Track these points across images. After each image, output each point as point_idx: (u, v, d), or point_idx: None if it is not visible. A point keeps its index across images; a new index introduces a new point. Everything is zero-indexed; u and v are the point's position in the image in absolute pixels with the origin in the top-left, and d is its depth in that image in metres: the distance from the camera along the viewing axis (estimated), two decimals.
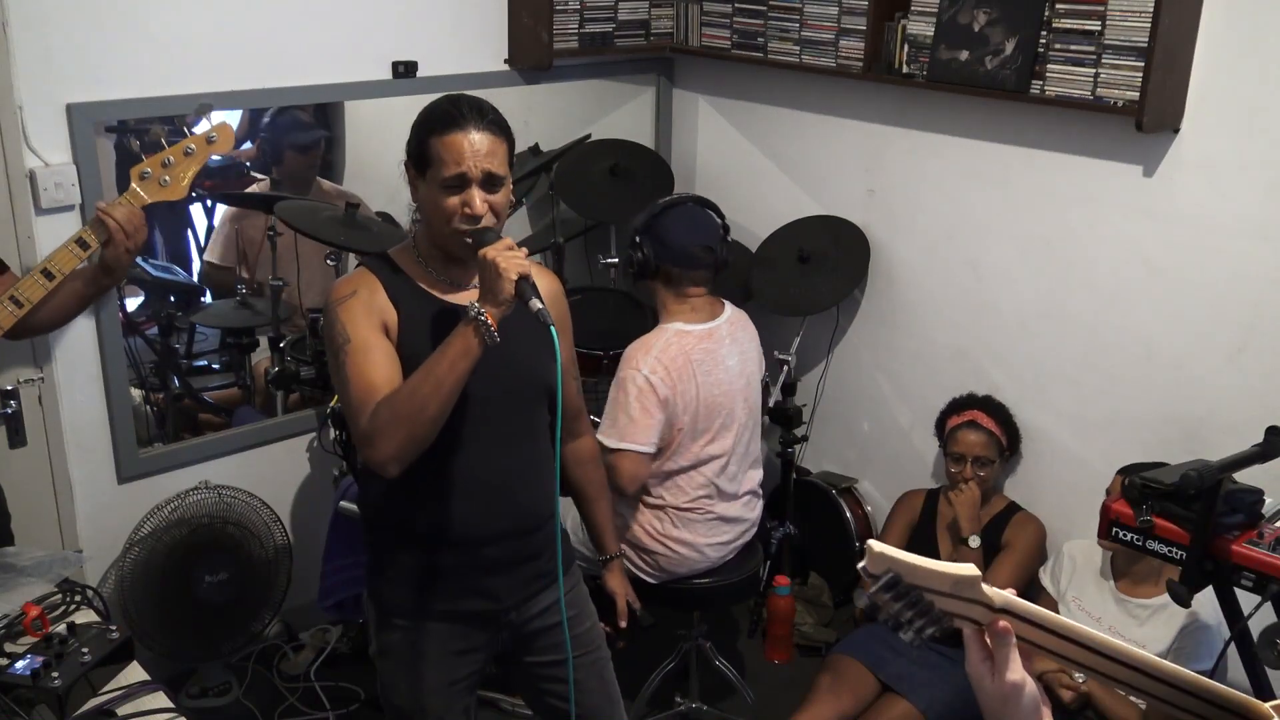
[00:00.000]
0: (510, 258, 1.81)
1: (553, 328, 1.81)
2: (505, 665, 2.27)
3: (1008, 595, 0.98)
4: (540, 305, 1.80)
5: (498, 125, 1.92)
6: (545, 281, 2.12)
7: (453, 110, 1.91)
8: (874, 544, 0.97)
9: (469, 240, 1.89)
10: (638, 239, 2.84)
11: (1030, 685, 0.99)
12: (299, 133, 3.53)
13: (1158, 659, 0.98)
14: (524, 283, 1.80)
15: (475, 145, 1.87)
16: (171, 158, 2.29)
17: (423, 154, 1.91)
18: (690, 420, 2.76)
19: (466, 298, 1.93)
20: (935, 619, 0.98)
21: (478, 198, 1.89)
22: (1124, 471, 2.80)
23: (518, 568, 2.09)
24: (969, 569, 0.96)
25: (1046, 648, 1.00)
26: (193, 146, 2.30)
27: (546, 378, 2.04)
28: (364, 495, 2.19)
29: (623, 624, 2.42)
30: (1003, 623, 0.98)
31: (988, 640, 1.00)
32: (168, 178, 2.30)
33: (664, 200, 2.94)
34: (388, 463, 1.84)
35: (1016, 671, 0.98)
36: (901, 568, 0.96)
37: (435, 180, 1.90)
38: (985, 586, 0.97)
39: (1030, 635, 0.99)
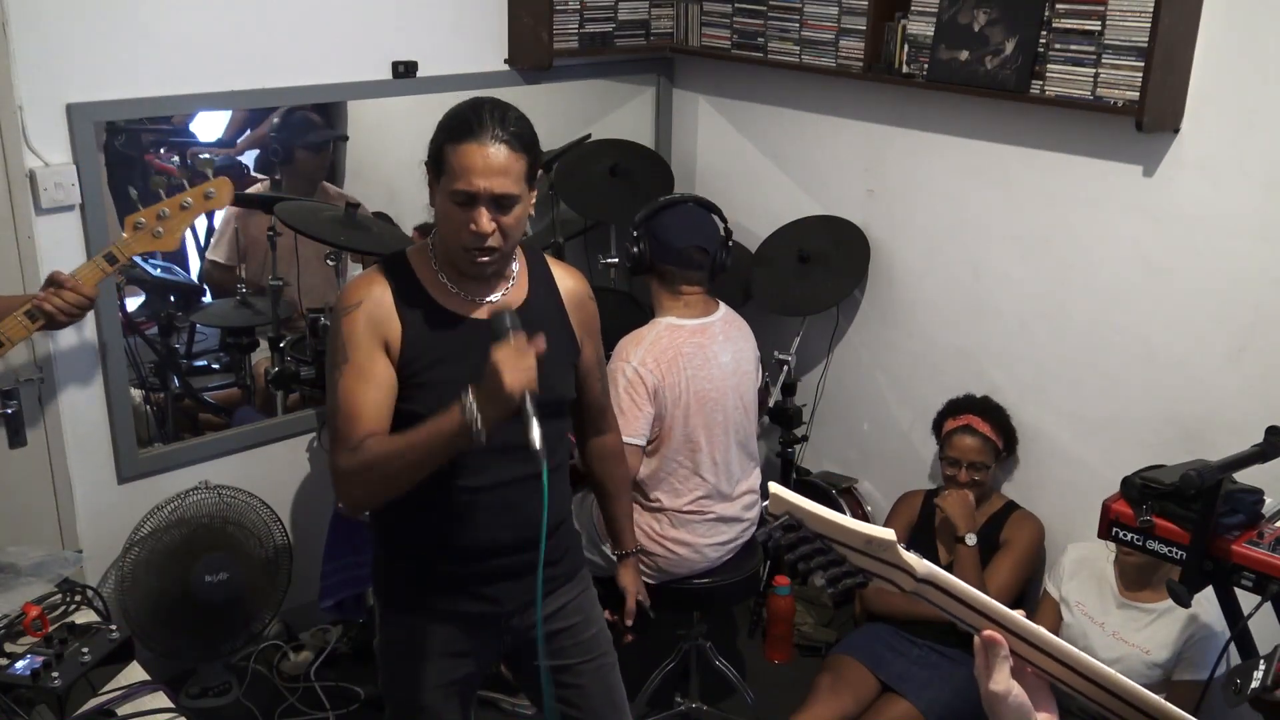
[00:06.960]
0: (517, 371, 1.65)
1: (545, 463, 1.65)
2: (511, 667, 2.29)
3: (932, 566, 1.02)
4: (536, 433, 1.65)
5: (518, 138, 1.82)
6: (571, 281, 2.09)
7: (472, 118, 1.81)
8: (774, 486, 1.00)
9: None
10: (635, 234, 2.88)
11: (1016, 693, 1.04)
12: (312, 133, 3.53)
13: (1077, 650, 1.03)
14: (526, 400, 1.66)
15: (488, 160, 1.78)
16: (167, 210, 2.31)
17: (438, 159, 1.85)
18: (681, 414, 2.77)
19: (474, 310, 1.93)
20: (851, 572, 1.01)
21: (484, 218, 1.81)
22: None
23: (523, 576, 2.07)
24: (885, 532, 0.98)
25: (967, 622, 1.05)
26: (190, 200, 2.32)
27: (563, 391, 2.03)
28: None
29: (629, 622, 2.43)
30: (988, 632, 1.03)
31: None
32: (161, 229, 2.32)
33: (665, 199, 2.96)
34: (353, 508, 1.94)
35: (1000, 682, 1.03)
36: (803, 515, 0.99)
37: (446, 190, 1.84)
38: (907, 554, 1.00)
39: (950, 608, 1.04)
